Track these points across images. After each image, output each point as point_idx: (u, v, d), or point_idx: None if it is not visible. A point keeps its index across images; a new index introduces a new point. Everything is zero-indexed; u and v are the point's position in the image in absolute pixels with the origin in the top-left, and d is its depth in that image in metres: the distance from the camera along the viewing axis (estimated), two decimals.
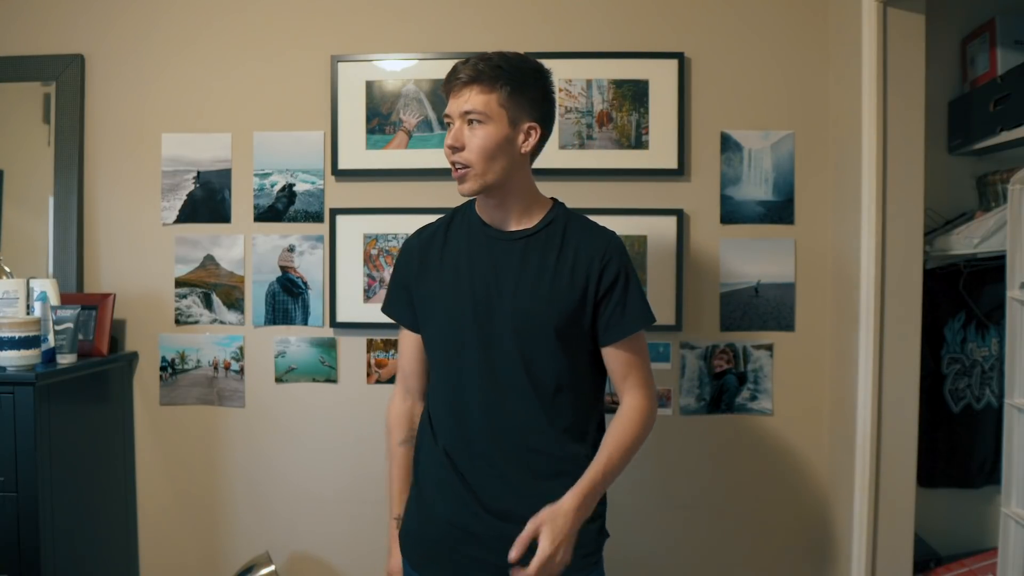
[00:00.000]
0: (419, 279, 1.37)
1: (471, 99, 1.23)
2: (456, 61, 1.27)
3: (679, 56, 1.92)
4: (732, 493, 1.96)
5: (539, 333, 1.27)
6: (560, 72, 1.91)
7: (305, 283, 1.99)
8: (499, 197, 1.29)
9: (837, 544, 1.87)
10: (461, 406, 1.31)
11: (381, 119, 1.96)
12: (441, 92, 1.32)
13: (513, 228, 1.32)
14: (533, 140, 1.28)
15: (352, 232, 1.97)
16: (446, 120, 1.29)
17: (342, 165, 1.96)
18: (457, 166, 1.26)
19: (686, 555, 1.97)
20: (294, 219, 1.99)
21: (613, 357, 1.30)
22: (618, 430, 1.27)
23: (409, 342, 1.42)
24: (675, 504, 1.96)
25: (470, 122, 1.24)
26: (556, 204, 1.36)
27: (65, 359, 1.76)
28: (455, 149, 1.25)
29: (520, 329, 1.27)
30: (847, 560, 1.80)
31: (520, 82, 1.25)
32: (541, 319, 1.26)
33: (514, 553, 1.15)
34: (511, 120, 1.25)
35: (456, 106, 1.25)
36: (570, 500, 1.19)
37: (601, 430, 1.34)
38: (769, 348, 1.95)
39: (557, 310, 1.26)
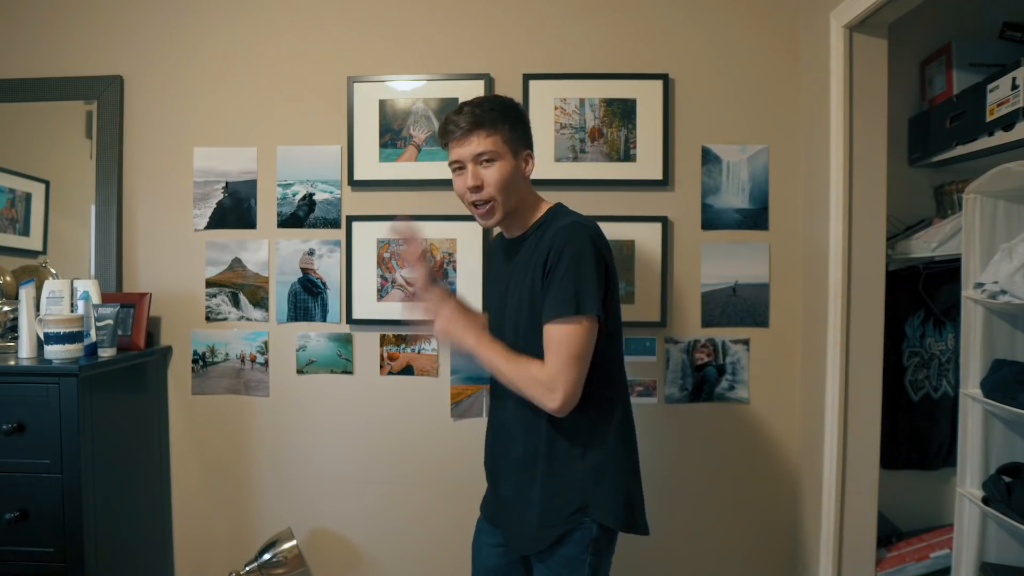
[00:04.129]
0: (485, 279, 1.60)
1: (480, 142, 1.27)
2: (448, 111, 1.32)
3: (664, 77, 1.92)
4: (711, 475, 1.97)
5: (526, 323, 1.29)
6: (555, 91, 1.92)
7: (324, 283, 1.99)
8: (512, 216, 1.35)
9: (808, 521, 1.87)
10: (493, 389, 1.44)
11: (393, 134, 1.96)
12: (439, 144, 1.37)
13: (516, 235, 1.38)
14: (532, 164, 1.35)
15: (367, 237, 1.97)
16: (455, 167, 1.32)
17: (357, 176, 1.96)
18: (479, 204, 1.30)
19: (670, 531, 1.97)
20: (314, 225, 1.99)
21: (544, 336, 1.22)
22: (520, 362, 1.23)
23: None
24: (659, 485, 1.95)
25: (483, 162, 1.27)
26: (550, 208, 1.36)
27: (106, 352, 1.76)
28: (477, 189, 1.28)
29: (514, 321, 1.32)
30: (817, 535, 1.80)
31: (514, 119, 1.31)
32: (526, 311, 1.28)
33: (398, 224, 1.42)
34: (513, 152, 1.30)
35: (466, 151, 1.28)
36: (478, 331, 1.29)
37: (605, 411, 1.28)
38: (746, 343, 1.95)
39: (532, 301, 1.27)
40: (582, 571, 1.28)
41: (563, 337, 1.20)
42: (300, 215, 1.99)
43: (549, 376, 1.20)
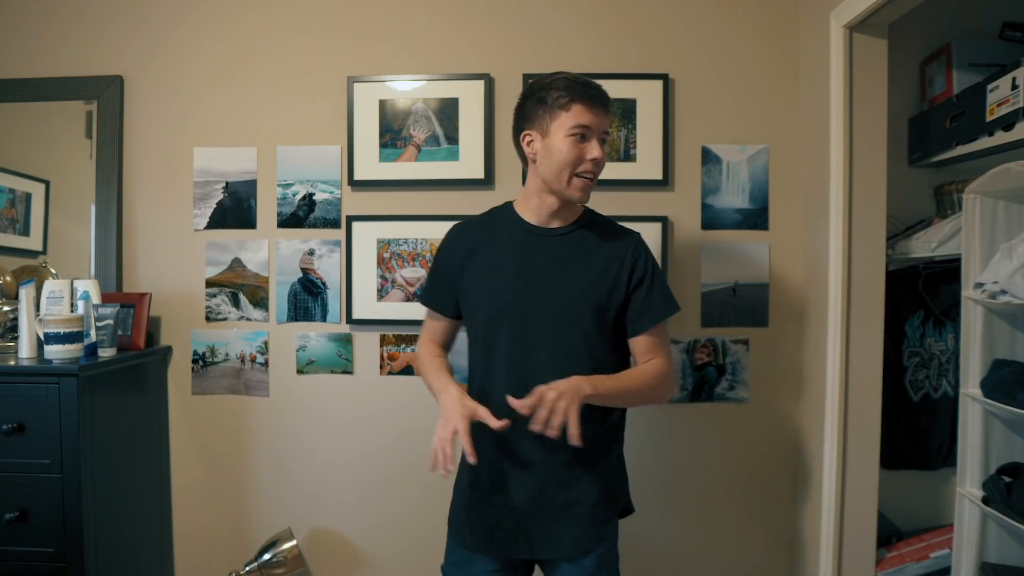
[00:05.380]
0: (465, 271, 1.34)
1: (609, 119, 1.28)
2: (584, 76, 1.27)
3: (664, 77, 1.92)
4: (712, 475, 1.96)
5: (573, 320, 1.27)
6: None
7: (324, 283, 1.99)
8: (568, 203, 1.31)
9: (808, 521, 1.87)
10: (493, 386, 1.29)
11: (393, 134, 1.96)
12: (569, 102, 1.24)
13: (555, 226, 1.33)
14: None
15: (367, 237, 1.97)
16: (578, 131, 1.23)
17: (357, 176, 1.96)
18: (589, 176, 1.26)
19: (671, 532, 1.97)
20: (314, 225, 1.99)
21: (641, 342, 1.31)
22: (639, 370, 1.29)
23: (440, 326, 1.43)
24: (660, 485, 1.96)
25: (602, 140, 1.26)
26: (587, 210, 1.38)
27: (106, 352, 1.76)
28: (599, 162, 1.25)
29: (558, 316, 1.27)
30: (817, 535, 1.80)
31: None
32: (577, 307, 1.27)
33: (515, 402, 1.14)
34: None
35: (601, 122, 1.26)
36: (580, 377, 1.17)
37: (617, 413, 1.36)
38: (746, 343, 1.95)
39: (590, 299, 1.27)
40: (613, 563, 1.34)
41: (666, 335, 1.35)
42: (300, 215, 1.99)
43: (671, 370, 1.33)
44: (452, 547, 1.37)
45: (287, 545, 1.90)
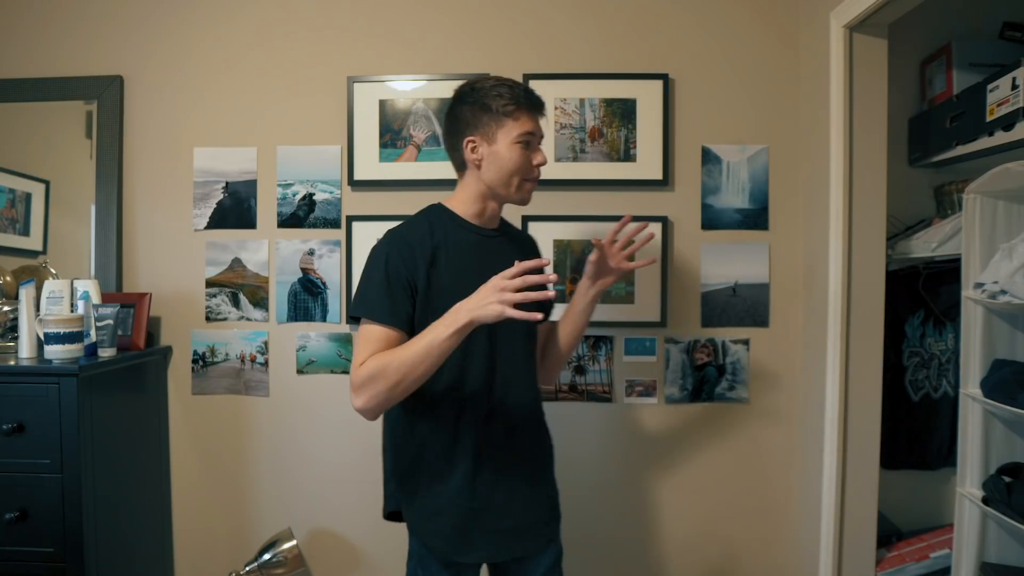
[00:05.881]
0: (431, 275, 1.24)
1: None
2: (502, 80, 1.28)
3: (664, 77, 1.92)
4: (712, 474, 1.97)
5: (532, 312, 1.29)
6: (555, 92, 1.92)
7: (324, 283, 1.99)
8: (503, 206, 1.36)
9: (808, 521, 1.87)
10: (467, 383, 1.26)
11: (393, 134, 1.96)
12: (516, 110, 1.25)
13: (491, 227, 1.36)
14: None
15: (367, 237, 1.96)
16: (525, 138, 1.26)
17: (357, 176, 1.96)
18: (535, 179, 1.31)
19: (670, 531, 1.97)
20: (314, 225, 1.99)
21: (548, 325, 1.50)
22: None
23: (393, 339, 1.25)
24: (660, 484, 1.96)
25: (539, 144, 1.30)
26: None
27: (106, 353, 1.76)
28: (543, 165, 1.30)
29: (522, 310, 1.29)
30: (817, 535, 1.80)
31: None
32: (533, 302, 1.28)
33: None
34: None
35: (540, 128, 1.30)
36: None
37: None
38: (746, 343, 1.95)
39: None
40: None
41: None
42: (300, 215, 1.99)
43: None
44: (435, 570, 1.29)
45: (287, 545, 1.90)
